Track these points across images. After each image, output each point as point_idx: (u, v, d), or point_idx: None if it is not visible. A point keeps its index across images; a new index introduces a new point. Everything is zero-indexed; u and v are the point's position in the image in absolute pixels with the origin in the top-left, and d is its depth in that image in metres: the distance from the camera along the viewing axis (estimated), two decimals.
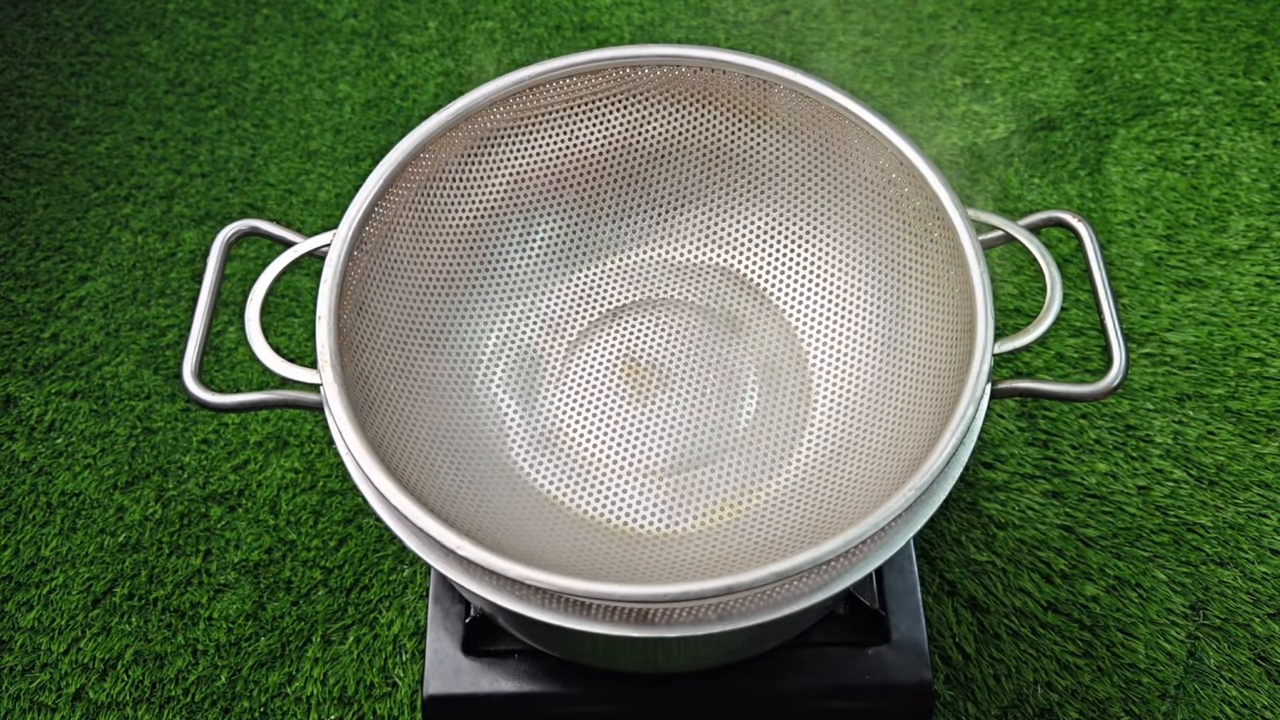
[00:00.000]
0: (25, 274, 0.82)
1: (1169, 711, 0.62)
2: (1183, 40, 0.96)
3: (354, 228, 0.51)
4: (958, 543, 0.68)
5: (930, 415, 0.49)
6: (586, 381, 0.58)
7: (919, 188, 0.52)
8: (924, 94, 0.92)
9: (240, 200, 0.86)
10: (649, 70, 0.57)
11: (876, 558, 0.43)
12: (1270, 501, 0.69)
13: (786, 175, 0.59)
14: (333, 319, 0.48)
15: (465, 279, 0.58)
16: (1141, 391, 0.74)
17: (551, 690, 0.55)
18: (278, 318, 0.79)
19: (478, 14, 1.00)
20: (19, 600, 0.67)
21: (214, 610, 0.66)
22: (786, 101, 0.57)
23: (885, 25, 0.98)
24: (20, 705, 0.63)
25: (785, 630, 0.53)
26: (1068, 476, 0.70)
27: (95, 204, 0.86)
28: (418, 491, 0.46)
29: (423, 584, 0.67)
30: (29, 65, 0.96)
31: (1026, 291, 0.79)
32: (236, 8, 1.01)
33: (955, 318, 0.50)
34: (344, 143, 0.90)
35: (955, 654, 0.64)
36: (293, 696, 0.63)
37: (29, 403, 0.75)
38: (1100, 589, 0.66)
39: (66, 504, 0.71)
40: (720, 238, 0.61)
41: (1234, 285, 0.79)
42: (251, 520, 0.70)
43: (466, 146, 0.56)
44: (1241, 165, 0.87)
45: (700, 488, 0.54)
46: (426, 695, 0.55)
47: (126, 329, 0.79)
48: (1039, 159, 0.88)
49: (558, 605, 0.42)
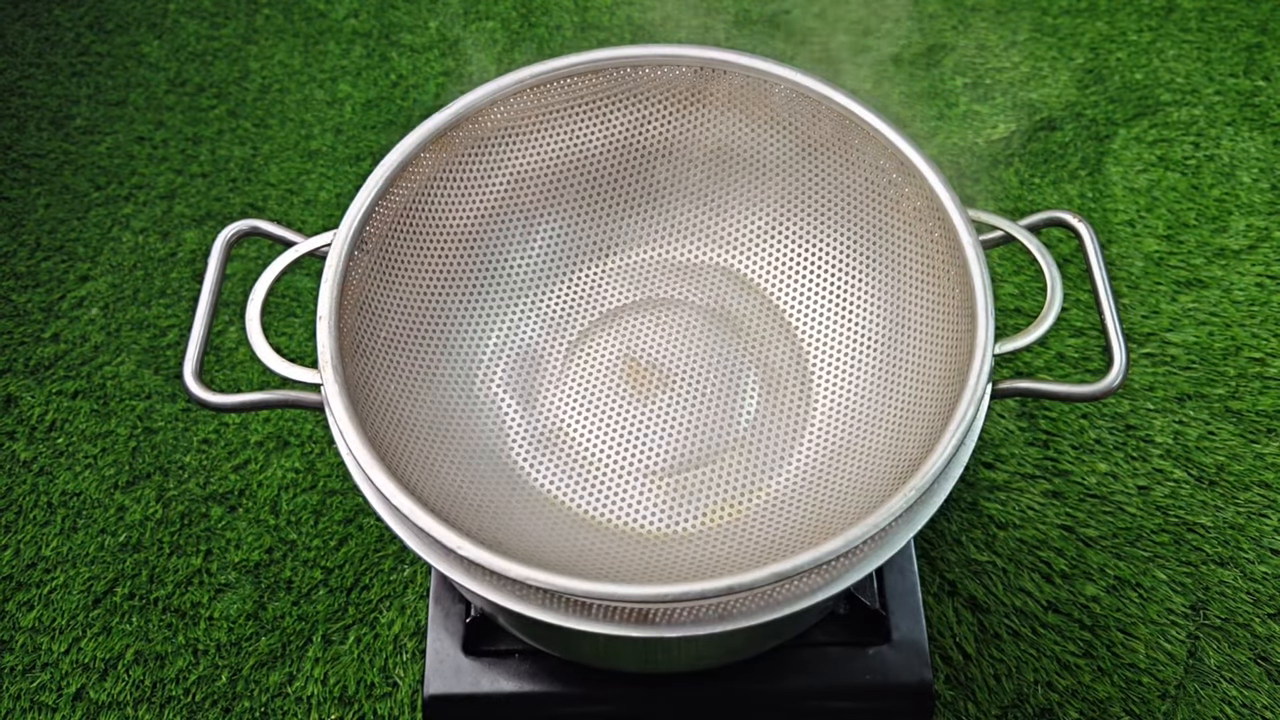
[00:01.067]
0: (26, 274, 0.82)
1: (1169, 711, 0.62)
2: (1183, 40, 0.96)
3: (354, 228, 0.51)
4: (958, 543, 0.68)
5: (930, 415, 0.49)
6: (587, 381, 0.58)
7: (919, 188, 0.52)
8: (924, 94, 0.92)
9: (241, 200, 0.87)
10: (649, 70, 0.57)
11: (877, 558, 0.43)
12: (1270, 501, 0.69)
13: (786, 175, 0.59)
14: (333, 319, 0.48)
15: (465, 279, 0.58)
16: (1142, 391, 0.74)
17: (551, 690, 0.55)
18: (278, 318, 0.79)
19: (478, 14, 1.00)
20: (19, 600, 0.67)
21: (214, 610, 0.66)
22: (786, 101, 0.57)
23: (885, 25, 0.98)
24: (21, 705, 0.63)
25: (785, 630, 0.53)
26: (1068, 476, 0.70)
27: (96, 204, 0.86)
28: (418, 491, 0.46)
29: (423, 584, 0.67)
30: (30, 65, 0.96)
31: (1026, 291, 0.79)
32: (237, 8, 1.01)
33: (955, 318, 0.50)
34: (344, 143, 0.90)
35: (955, 654, 0.64)
36: (293, 696, 0.63)
37: (30, 402, 0.75)
38: (1100, 589, 0.66)
39: (67, 504, 0.71)
40: (720, 238, 0.61)
41: (1234, 285, 0.79)
42: (252, 520, 0.70)
43: (466, 146, 0.56)
44: (1242, 165, 0.87)
45: (700, 488, 0.54)
46: (427, 695, 0.55)
47: (127, 329, 0.79)
48: (1039, 159, 0.88)
49: (558, 605, 0.42)
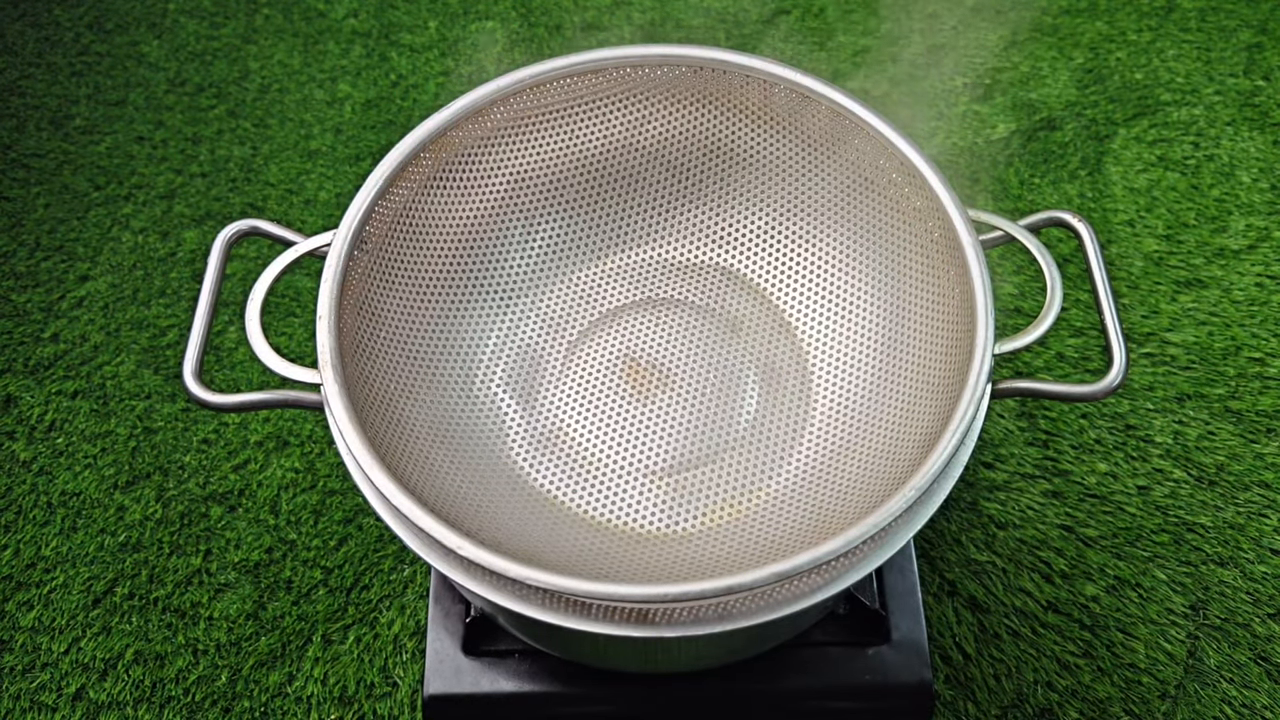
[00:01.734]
0: (25, 274, 0.82)
1: (1169, 711, 0.62)
2: (1183, 40, 0.96)
3: (354, 227, 0.51)
4: (958, 543, 0.68)
5: (930, 415, 0.49)
6: (586, 381, 0.58)
7: (919, 188, 0.52)
8: (924, 94, 0.92)
9: (240, 200, 0.86)
10: (649, 70, 0.57)
11: (876, 558, 0.43)
12: (1270, 501, 0.69)
13: (787, 175, 0.59)
14: (333, 319, 0.48)
15: (465, 279, 0.58)
16: (1141, 391, 0.74)
17: (551, 690, 0.55)
18: (278, 318, 0.79)
19: (478, 14, 1.00)
20: (19, 600, 0.67)
21: (214, 610, 0.66)
22: (786, 101, 0.57)
23: (885, 25, 0.98)
24: (20, 705, 0.63)
25: (785, 630, 0.53)
26: (1068, 476, 0.70)
27: (96, 204, 0.86)
28: (418, 491, 0.46)
29: (423, 584, 0.67)
30: (29, 65, 0.96)
31: (1026, 291, 0.79)
32: (237, 8, 1.01)
33: (955, 318, 0.50)
34: (344, 142, 0.90)
35: (955, 654, 0.64)
36: (293, 696, 0.63)
37: (29, 402, 0.75)
38: (1100, 589, 0.66)
39: (67, 504, 0.71)
40: (720, 238, 0.61)
41: (1234, 285, 0.79)
42: (252, 520, 0.70)
43: (466, 146, 0.56)
44: (1241, 165, 0.87)
45: (700, 488, 0.54)
46: (427, 695, 0.55)
47: (127, 329, 0.79)
48: (1039, 159, 0.88)
49: (558, 605, 0.42)
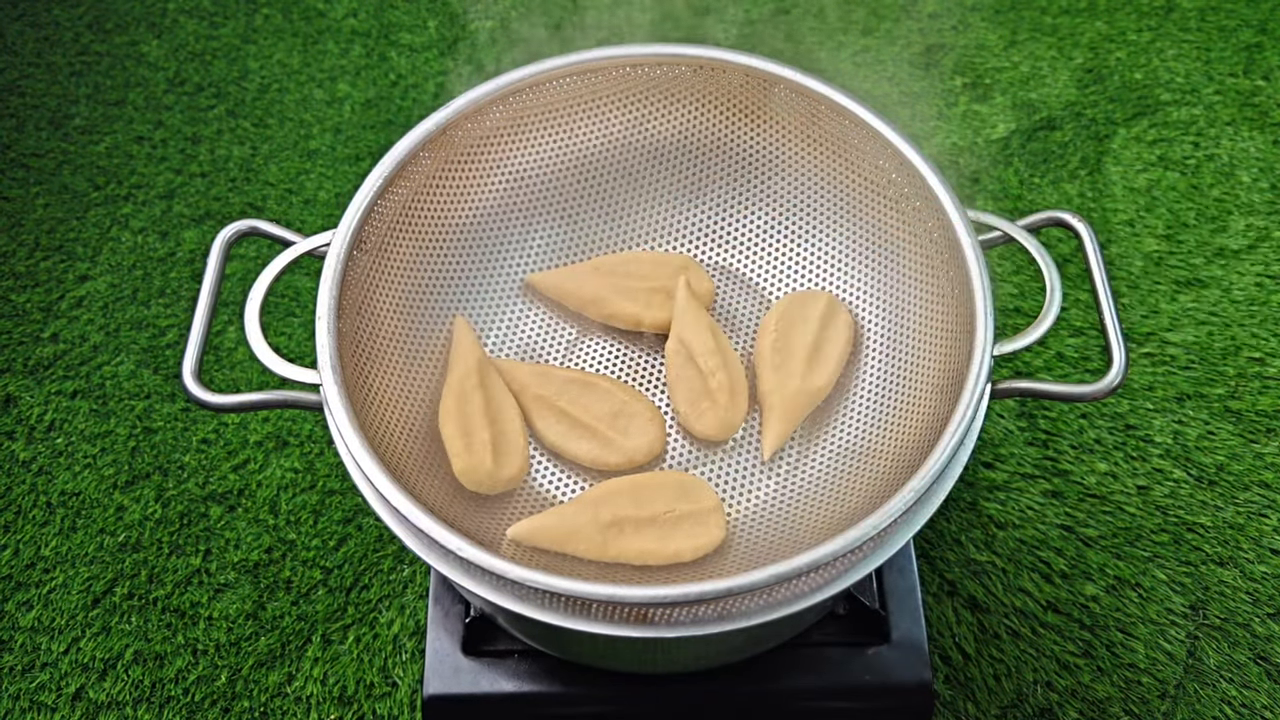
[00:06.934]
0: (25, 274, 0.82)
1: (1169, 711, 0.62)
2: (1183, 40, 0.96)
3: (354, 227, 0.51)
4: (958, 543, 0.68)
5: (930, 415, 0.49)
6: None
7: (919, 188, 0.52)
8: (924, 94, 0.92)
9: (240, 200, 0.86)
10: (649, 70, 0.57)
11: (876, 558, 0.43)
12: (1270, 501, 0.69)
13: (786, 174, 0.59)
14: (332, 319, 0.48)
15: (464, 279, 0.58)
16: (1141, 391, 0.74)
17: (551, 690, 0.55)
18: (278, 318, 0.79)
19: (478, 14, 1.00)
20: (19, 600, 0.67)
21: (214, 610, 0.66)
22: (786, 101, 0.57)
23: (885, 25, 0.98)
24: (20, 705, 0.63)
25: (785, 630, 0.53)
26: (1068, 476, 0.70)
27: (95, 204, 0.86)
28: (418, 491, 0.46)
29: (423, 584, 0.67)
30: (29, 65, 0.96)
31: (1026, 291, 0.79)
32: (236, 7, 1.01)
33: (955, 318, 0.50)
34: (344, 142, 0.90)
35: (955, 654, 0.64)
36: (293, 696, 0.63)
37: (29, 402, 0.75)
38: (1100, 589, 0.66)
39: (66, 504, 0.71)
40: (720, 237, 0.61)
41: (1234, 285, 0.79)
42: (251, 520, 0.70)
43: (466, 146, 0.56)
44: (1241, 165, 0.87)
45: None
46: (426, 695, 0.55)
47: (126, 329, 0.79)
48: (1039, 159, 0.88)
49: (558, 605, 0.42)
